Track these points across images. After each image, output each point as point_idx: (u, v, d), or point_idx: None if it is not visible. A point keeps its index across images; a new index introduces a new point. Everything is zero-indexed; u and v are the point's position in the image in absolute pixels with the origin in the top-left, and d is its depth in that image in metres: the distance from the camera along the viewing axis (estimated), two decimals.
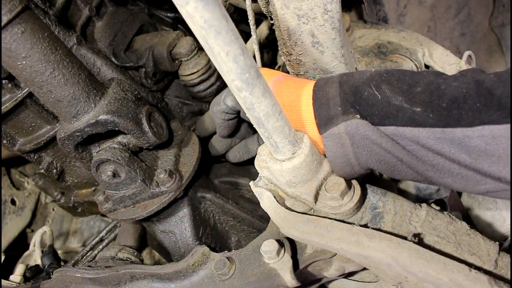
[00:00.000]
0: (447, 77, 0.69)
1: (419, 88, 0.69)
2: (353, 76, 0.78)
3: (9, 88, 1.12)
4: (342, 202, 0.79)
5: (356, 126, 0.73)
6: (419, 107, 0.68)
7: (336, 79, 0.79)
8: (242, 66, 0.59)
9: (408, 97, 0.69)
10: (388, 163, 0.74)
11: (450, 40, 2.23)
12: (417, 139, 0.68)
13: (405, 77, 0.72)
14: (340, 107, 0.75)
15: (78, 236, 1.92)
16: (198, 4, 0.51)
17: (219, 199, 1.18)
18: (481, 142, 0.63)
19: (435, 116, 0.66)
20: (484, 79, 0.64)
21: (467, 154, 0.65)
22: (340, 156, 0.76)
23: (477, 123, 0.63)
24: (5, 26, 0.81)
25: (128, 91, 1.03)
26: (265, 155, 0.82)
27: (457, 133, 0.65)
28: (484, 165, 0.65)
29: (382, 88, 0.72)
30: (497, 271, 0.69)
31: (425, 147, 0.68)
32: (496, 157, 0.63)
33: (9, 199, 1.73)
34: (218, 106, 1.03)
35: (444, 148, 0.67)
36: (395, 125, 0.70)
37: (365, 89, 0.74)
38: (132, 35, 1.37)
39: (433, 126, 0.66)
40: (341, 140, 0.75)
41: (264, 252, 0.84)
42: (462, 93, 0.65)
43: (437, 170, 0.70)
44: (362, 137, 0.73)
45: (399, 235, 0.74)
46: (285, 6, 0.88)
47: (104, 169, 1.02)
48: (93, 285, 1.03)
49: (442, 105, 0.66)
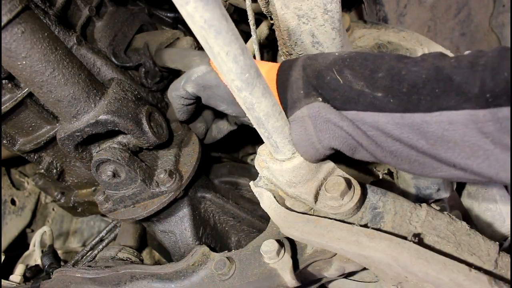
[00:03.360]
0: (408, 61, 0.69)
1: (380, 73, 0.69)
2: (316, 60, 0.78)
3: (9, 88, 1.12)
4: (342, 202, 0.79)
5: (318, 109, 0.73)
6: (380, 92, 0.68)
7: (300, 62, 0.79)
8: (242, 66, 0.59)
9: (370, 82, 0.70)
10: (350, 145, 0.75)
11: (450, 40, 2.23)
12: (376, 124, 0.69)
13: (367, 62, 0.72)
14: (302, 90, 0.75)
15: (78, 236, 1.92)
16: (198, 4, 0.51)
17: (219, 199, 1.18)
18: (439, 128, 0.63)
19: (395, 101, 0.67)
20: (444, 65, 0.64)
21: (425, 139, 0.65)
22: (304, 139, 0.76)
23: (435, 108, 0.63)
24: (5, 26, 0.81)
25: (128, 91, 1.03)
26: (265, 155, 0.82)
27: (416, 118, 0.65)
28: (440, 151, 0.65)
29: (344, 73, 0.72)
30: (497, 271, 0.69)
31: (384, 133, 0.69)
32: (453, 143, 0.63)
33: (9, 199, 1.73)
34: (176, 92, 1.01)
35: (403, 133, 0.67)
36: (356, 109, 0.70)
37: (328, 73, 0.74)
38: (132, 35, 1.37)
39: (393, 111, 0.67)
40: (304, 124, 0.75)
41: (264, 252, 0.84)
42: (421, 78, 0.65)
43: (395, 156, 0.71)
44: (324, 120, 0.73)
45: (399, 235, 0.74)
46: (285, 6, 0.88)
47: (104, 169, 1.02)
48: (93, 285, 1.03)
49: (402, 90, 0.66)
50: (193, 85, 0.97)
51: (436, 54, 0.68)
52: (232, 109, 0.95)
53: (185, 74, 0.99)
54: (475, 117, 0.60)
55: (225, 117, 1.21)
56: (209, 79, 0.94)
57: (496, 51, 0.62)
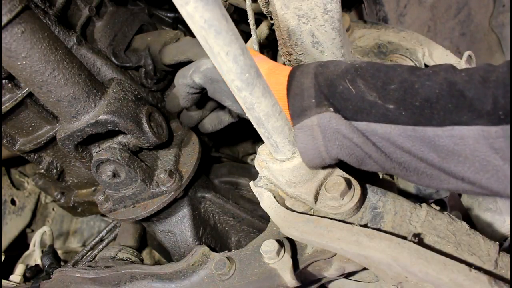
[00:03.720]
0: (421, 74, 0.69)
1: (393, 85, 0.70)
2: (328, 68, 0.78)
3: (9, 88, 1.12)
4: (342, 202, 0.79)
5: (329, 119, 0.73)
6: (392, 104, 0.69)
7: (312, 70, 0.79)
8: (242, 66, 0.59)
9: (382, 93, 0.70)
10: (357, 157, 0.75)
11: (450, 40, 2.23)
12: (388, 136, 0.69)
13: (380, 73, 0.73)
14: (314, 99, 0.75)
15: (78, 236, 1.92)
16: (198, 4, 0.51)
17: (219, 199, 1.18)
18: (450, 142, 0.64)
19: (408, 114, 0.67)
20: (456, 80, 0.65)
21: (436, 153, 0.66)
22: (311, 148, 0.75)
23: (448, 123, 0.64)
24: (5, 26, 0.81)
25: (128, 91, 1.03)
26: (265, 155, 0.82)
27: (428, 132, 0.66)
28: (450, 165, 0.66)
29: (357, 83, 0.73)
30: (497, 271, 0.69)
31: (395, 145, 0.69)
32: (463, 158, 0.65)
33: (9, 199, 1.73)
34: (184, 79, 0.99)
35: (414, 146, 0.68)
36: (368, 120, 0.71)
37: (340, 82, 0.74)
38: (132, 35, 1.37)
39: (405, 124, 0.67)
40: (313, 133, 0.75)
41: (264, 252, 0.84)
42: (435, 93, 0.66)
43: (404, 168, 0.71)
44: (334, 131, 0.73)
45: (399, 235, 0.74)
46: (285, 6, 0.88)
47: (104, 169, 1.02)
48: (93, 285, 1.03)
49: (415, 104, 0.67)
50: (201, 76, 0.96)
51: (447, 67, 0.69)
52: (237, 106, 0.94)
53: (194, 63, 0.98)
54: (487, 133, 0.61)
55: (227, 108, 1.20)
56: (217, 72, 0.93)
57: (505, 67, 0.63)
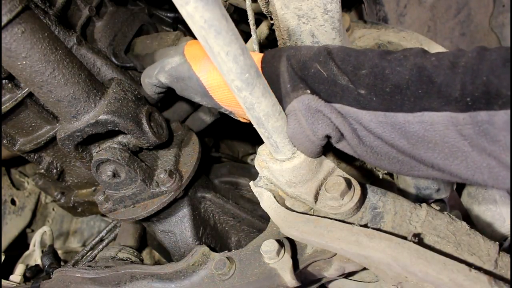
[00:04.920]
0: (391, 59, 0.70)
1: (363, 70, 0.70)
2: (300, 51, 0.78)
3: (9, 88, 1.12)
4: (342, 202, 0.79)
5: (308, 101, 0.73)
6: (364, 89, 0.69)
7: (284, 53, 0.79)
8: (242, 66, 0.59)
9: (353, 78, 0.70)
10: (336, 137, 0.76)
11: (450, 40, 2.23)
12: (360, 120, 0.70)
13: (350, 57, 0.73)
14: (289, 84, 0.75)
15: (78, 236, 1.92)
16: (198, 4, 0.51)
17: (219, 199, 1.18)
18: (420, 128, 0.65)
19: (378, 99, 0.68)
20: (426, 65, 0.65)
21: (406, 139, 0.67)
22: (298, 132, 0.76)
23: (418, 109, 0.65)
24: (5, 26, 0.81)
25: (128, 91, 1.03)
26: (265, 155, 0.82)
27: (399, 118, 0.66)
28: (420, 151, 0.67)
29: (329, 65, 0.73)
30: (497, 271, 0.69)
31: (367, 129, 0.70)
32: (433, 144, 0.65)
33: (9, 199, 1.73)
34: (149, 79, 1.00)
35: (385, 132, 0.68)
36: (341, 103, 0.71)
37: (312, 65, 0.74)
38: (132, 35, 1.37)
39: (376, 110, 0.68)
40: (297, 117, 0.75)
41: (264, 252, 0.84)
42: (405, 79, 0.66)
43: (375, 152, 0.72)
44: (314, 111, 0.73)
45: (399, 235, 0.74)
46: (285, 6, 0.88)
47: (104, 169, 1.02)
48: (93, 285, 1.03)
49: (385, 90, 0.67)
50: (166, 76, 0.96)
51: (417, 51, 0.69)
52: (206, 101, 0.93)
53: (159, 63, 0.98)
54: (455, 120, 0.62)
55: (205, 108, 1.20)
56: (182, 70, 0.92)
57: (475, 52, 0.63)
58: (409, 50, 0.70)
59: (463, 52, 0.65)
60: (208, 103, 0.94)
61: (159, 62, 0.97)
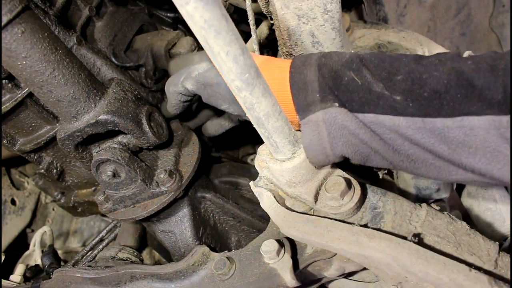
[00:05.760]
0: (427, 64, 0.68)
1: (399, 76, 0.69)
2: (331, 58, 0.76)
3: (9, 88, 1.12)
4: (342, 202, 0.79)
5: (335, 115, 0.71)
6: (400, 95, 0.67)
7: (314, 62, 0.77)
8: (242, 66, 0.59)
9: (388, 84, 0.69)
10: (363, 154, 0.74)
11: (450, 40, 2.23)
12: (396, 128, 0.68)
13: (385, 63, 0.71)
14: (318, 94, 0.73)
15: (78, 236, 1.92)
16: (198, 4, 0.51)
17: (219, 199, 1.18)
18: (460, 133, 0.64)
19: (416, 105, 0.66)
20: (464, 69, 0.64)
21: (446, 144, 0.65)
22: (315, 144, 0.74)
23: (457, 114, 0.63)
24: (5, 26, 0.81)
25: (128, 91, 1.03)
26: (265, 155, 0.82)
27: (437, 123, 0.65)
28: (461, 156, 0.65)
29: (362, 73, 0.71)
30: (497, 271, 0.69)
31: (403, 137, 0.68)
32: (474, 149, 0.64)
33: (9, 199, 1.73)
34: (175, 87, 0.98)
35: (424, 138, 0.67)
36: (375, 112, 0.69)
37: (345, 73, 0.72)
38: (132, 35, 1.37)
39: (414, 116, 0.66)
40: (318, 128, 0.73)
41: (264, 252, 0.84)
42: (443, 83, 0.65)
43: (412, 160, 0.70)
44: (339, 127, 0.72)
45: (399, 235, 0.74)
46: (285, 6, 0.88)
47: (104, 169, 1.02)
48: (93, 285, 1.03)
49: (423, 95, 0.66)
50: (193, 82, 0.94)
51: (453, 56, 0.68)
52: (234, 108, 0.92)
53: (185, 70, 0.96)
54: (498, 123, 0.61)
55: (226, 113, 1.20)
56: (210, 76, 0.91)
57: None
58: (444, 54, 0.69)
59: (500, 55, 0.64)
60: (235, 110, 0.92)
61: (185, 69, 0.96)
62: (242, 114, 0.92)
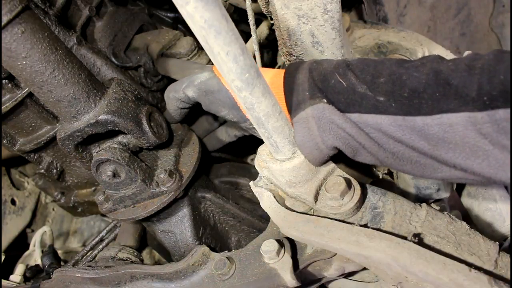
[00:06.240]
0: (409, 66, 0.71)
1: (382, 78, 0.72)
2: (321, 64, 0.80)
3: (9, 88, 1.12)
4: (342, 202, 0.79)
5: (323, 110, 0.75)
6: (382, 96, 0.70)
7: (306, 66, 0.81)
8: (242, 66, 0.59)
9: (372, 86, 0.72)
10: (352, 147, 0.77)
11: (450, 40, 2.23)
12: (379, 126, 0.71)
13: (369, 67, 0.74)
14: (307, 92, 0.77)
15: (78, 236, 1.92)
16: (198, 4, 0.51)
17: (219, 199, 1.18)
18: (440, 130, 0.66)
19: (397, 105, 0.69)
20: (442, 69, 0.67)
21: (426, 141, 0.68)
22: (307, 140, 0.77)
23: (436, 111, 0.66)
24: (5, 26, 0.81)
25: (128, 91, 1.03)
26: (265, 155, 0.82)
27: (417, 121, 0.67)
28: (441, 152, 0.67)
29: (347, 76, 0.75)
30: (497, 271, 0.69)
31: (386, 134, 0.71)
32: (453, 144, 0.66)
33: (9, 199, 1.73)
34: (176, 94, 1.02)
35: (405, 135, 0.69)
36: (360, 112, 0.72)
37: (332, 76, 0.76)
38: (132, 35, 1.37)
39: (395, 114, 0.69)
40: (308, 124, 0.76)
41: (264, 252, 0.84)
42: (422, 83, 0.67)
43: (397, 157, 0.73)
44: (327, 121, 0.75)
45: (399, 235, 0.74)
46: (285, 6, 0.88)
47: (104, 169, 1.02)
48: (93, 285, 1.03)
49: (403, 95, 0.69)
50: (195, 90, 0.98)
51: (434, 58, 0.71)
52: (233, 114, 0.95)
53: (187, 78, 1.00)
54: (474, 119, 0.62)
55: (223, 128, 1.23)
56: (212, 84, 0.95)
57: (492, 54, 0.64)
58: (426, 57, 0.72)
59: (479, 56, 0.66)
60: (235, 116, 0.96)
61: (187, 78, 1.00)
62: (242, 120, 0.94)
